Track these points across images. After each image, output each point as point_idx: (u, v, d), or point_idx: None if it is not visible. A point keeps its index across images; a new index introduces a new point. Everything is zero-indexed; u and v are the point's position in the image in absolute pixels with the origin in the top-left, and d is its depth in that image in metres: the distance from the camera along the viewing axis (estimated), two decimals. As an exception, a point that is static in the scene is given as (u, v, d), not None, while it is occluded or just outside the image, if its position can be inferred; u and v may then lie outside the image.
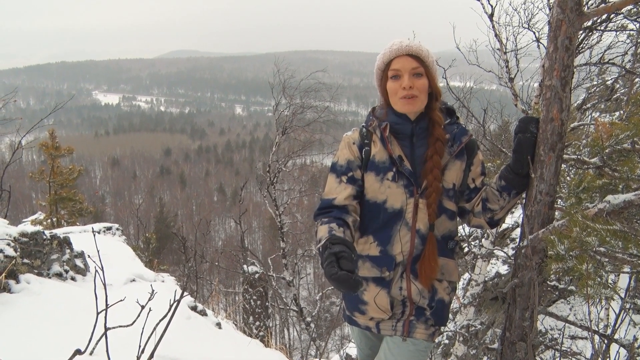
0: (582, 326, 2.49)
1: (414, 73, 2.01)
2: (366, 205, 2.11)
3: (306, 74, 12.89)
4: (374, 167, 2.08)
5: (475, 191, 2.14)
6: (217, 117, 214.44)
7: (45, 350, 2.79)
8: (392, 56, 2.04)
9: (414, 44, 2.03)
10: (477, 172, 2.14)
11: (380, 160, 2.07)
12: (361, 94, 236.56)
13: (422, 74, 2.02)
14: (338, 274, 1.64)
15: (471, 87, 6.95)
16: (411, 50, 2.01)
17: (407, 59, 2.01)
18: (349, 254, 1.73)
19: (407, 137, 2.08)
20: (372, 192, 2.08)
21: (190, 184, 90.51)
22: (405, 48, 2.01)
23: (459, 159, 2.09)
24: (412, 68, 2.01)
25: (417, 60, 2.01)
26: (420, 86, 2.01)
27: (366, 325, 2.18)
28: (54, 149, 15.99)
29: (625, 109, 3.78)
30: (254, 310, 10.20)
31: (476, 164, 2.14)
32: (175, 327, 3.06)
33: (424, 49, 2.03)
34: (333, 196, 2.07)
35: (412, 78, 2.01)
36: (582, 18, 1.99)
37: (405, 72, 2.01)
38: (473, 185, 2.14)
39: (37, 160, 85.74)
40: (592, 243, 1.76)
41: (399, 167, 2.03)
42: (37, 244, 4.10)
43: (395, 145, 2.06)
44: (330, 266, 1.67)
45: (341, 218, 1.97)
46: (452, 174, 2.07)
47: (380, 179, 2.06)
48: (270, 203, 11.95)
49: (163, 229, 37.96)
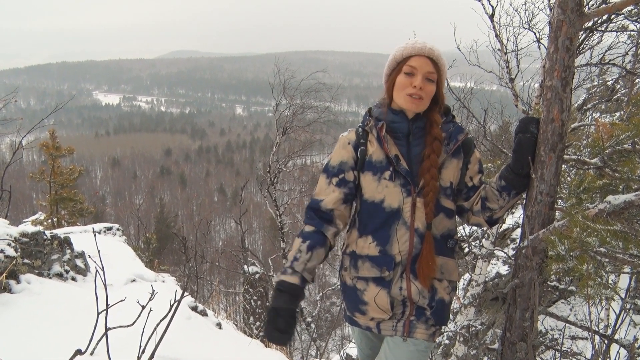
0: (582, 326, 2.49)
1: (427, 77, 2.02)
2: (364, 205, 2.12)
3: (306, 74, 12.91)
4: (371, 167, 2.08)
5: (474, 189, 2.15)
6: (218, 118, 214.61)
7: (46, 351, 2.79)
8: (412, 53, 2.04)
9: (436, 50, 2.04)
10: (474, 170, 2.14)
11: (377, 159, 2.07)
12: (362, 94, 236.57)
13: (434, 80, 2.04)
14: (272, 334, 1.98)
15: (472, 87, 6.96)
16: (433, 54, 2.03)
17: (427, 61, 2.02)
18: (287, 312, 1.98)
19: (404, 136, 2.08)
20: (369, 192, 2.09)
21: (191, 184, 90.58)
22: (428, 50, 2.02)
23: (455, 157, 2.09)
24: (428, 71, 2.02)
25: (435, 66, 2.03)
26: (428, 90, 2.03)
27: (367, 326, 2.18)
28: (54, 149, 15.99)
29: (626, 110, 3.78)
30: (254, 311, 10.21)
31: (473, 162, 2.14)
32: (175, 327, 3.06)
33: (442, 58, 2.05)
34: (322, 197, 2.13)
35: (424, 81, 2.02)
36: (583, 19, 1.99)
37: (421, 73, 2.02)
38: (471, 183, 2.14)
39: (38, 161, 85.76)
40: (592, 243, 1.76)
41: (396, 167, 2.03)
42: (38, 244, 4.10)
43: (391, 144, 2.07)
44: (269, 323, 1.99)
45: (321, 232, 2.09)
46: (449, 172, 2.08)
47: (378, 179, 2.06)
48: (271, 203, 11.96)
49: (163, 229, 37.99)
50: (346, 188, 2.11)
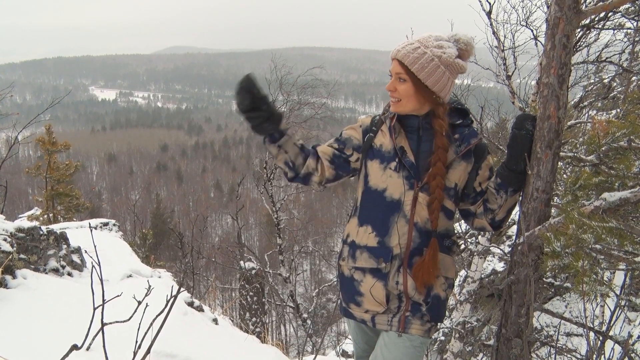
0: (577, 323, 2.50)
1: (398, 77, 2.03)
2: (367, 192, 2.13)
3: (303, 70, 12.89)
4: (379, 156, 2.10)
5: (481, 194, 2.16)
6: (214, 114, 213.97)
7: (42, 346, 2.78)
8: (391, 57, 2.06)
9: (403, 50, 2.00)
10: (484, 175, 2.14)
11: (386, 150, 2.10)
12: (358, 90, 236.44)
13: (406, 80, 2.01)
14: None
15: (468, 84, 6.96)
16: (397, 55, 2.02)
17: (395, 62, 2.04)
18: None
19: (414, 130, 2.09)
20: (374, 179, 2.10)
21: (187, 180, 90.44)
22: (394, 52, 2.04)
23: (465, 160, 2.09)
24: (396, 73, 2.03)
25: (402, 66, 2.01)
26: (402, 91, 2.02)
27: (362, 318, 2.19)
28: (50, 145, 15.94)
29: (622, 107, 3.79)
30: (250, 307, 10.22)
31: (484, 167, 2.14)
32: (172, 322, 3.06)
33: (412, 56, 1.98)
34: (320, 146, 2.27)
35: (396, 82, 2.04)
36: (580, 16, 2.00)
37: (393, 75, 2.06)
38: (479, 188, 2.15)
39: (34, 156, 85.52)
40: (588, 240, 1.77)
41: (401, 158, 2.04)
42: (34, 240, 4.09)
43: (401, 136, 2.08)
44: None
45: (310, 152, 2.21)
46: (455, 173, 2.08)
47: (384, 168, 2.08)
48: (267, 199, 11.97)
49: (160, 225, 37.96)
50: (340, 153, 2.20)
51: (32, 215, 15.38)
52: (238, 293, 10.96)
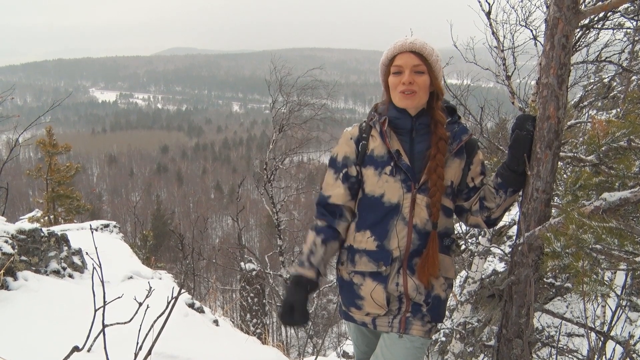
0: (578, 323, 2.50)
1: (416, 70, 2.02)
2: (365, 199, 2.12)
3: (303, 71, 12.87)
4: (372, 161, 2.09)
5: (475, 190, 2.15)
6: (214, 115, 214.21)
7: (43, 347, 2.79)
8: (395, 52, 2.04)
9: (417, 42, 2.02)
10: (476, 171, 2.15)
11: (379, 154, 2.08)
12: (358, 91, 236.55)
13: (424, 72, 2.02)
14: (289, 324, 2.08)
15: (468, 84, 6.96)
16: (414, 47, 2.01)
17: (410, 55, 2.02)
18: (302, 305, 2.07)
19: (407, 132, 2.08)
20: (370, 186, 2.09)
21: (188, 182, 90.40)
22: (408, 45, 2.02)
23: (458, 157, 2.09)
24: (414, 65, 2.01)
25: (420, 57, 2.01)
26: (421, 83, 2.02)
27: (362, 321, 2.19)
28: (51, 147, 15.95)
29: (622, 107, 3.79)
30: (251, 308, 10.22)
31: (476, 163, 2.14)
32: (172, 324, 3.06)
33: (427, 47, 2.02)
34: (329, 193, 2.17)
35: (413, 74, 2.01)
36: (579, 16, 2.00)
37: (407, 68, 2.02)
38: (472, 184, 2.15)
39: (34, 158, 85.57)
40: (588, 240, 1.77)
41: (397, 162, 2.04)
42: (35, 241, 4.09)
43: (394, 139, 2.07)
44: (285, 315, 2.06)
45: (332, 227, 2.15)
46: (450, 171, 2.08)
47: (379, 173, 2.07)
48: (268, 200, 11.96)
49: (160, 227, 37.96)
50: (349, 182, 2.14)
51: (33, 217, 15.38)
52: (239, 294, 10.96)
